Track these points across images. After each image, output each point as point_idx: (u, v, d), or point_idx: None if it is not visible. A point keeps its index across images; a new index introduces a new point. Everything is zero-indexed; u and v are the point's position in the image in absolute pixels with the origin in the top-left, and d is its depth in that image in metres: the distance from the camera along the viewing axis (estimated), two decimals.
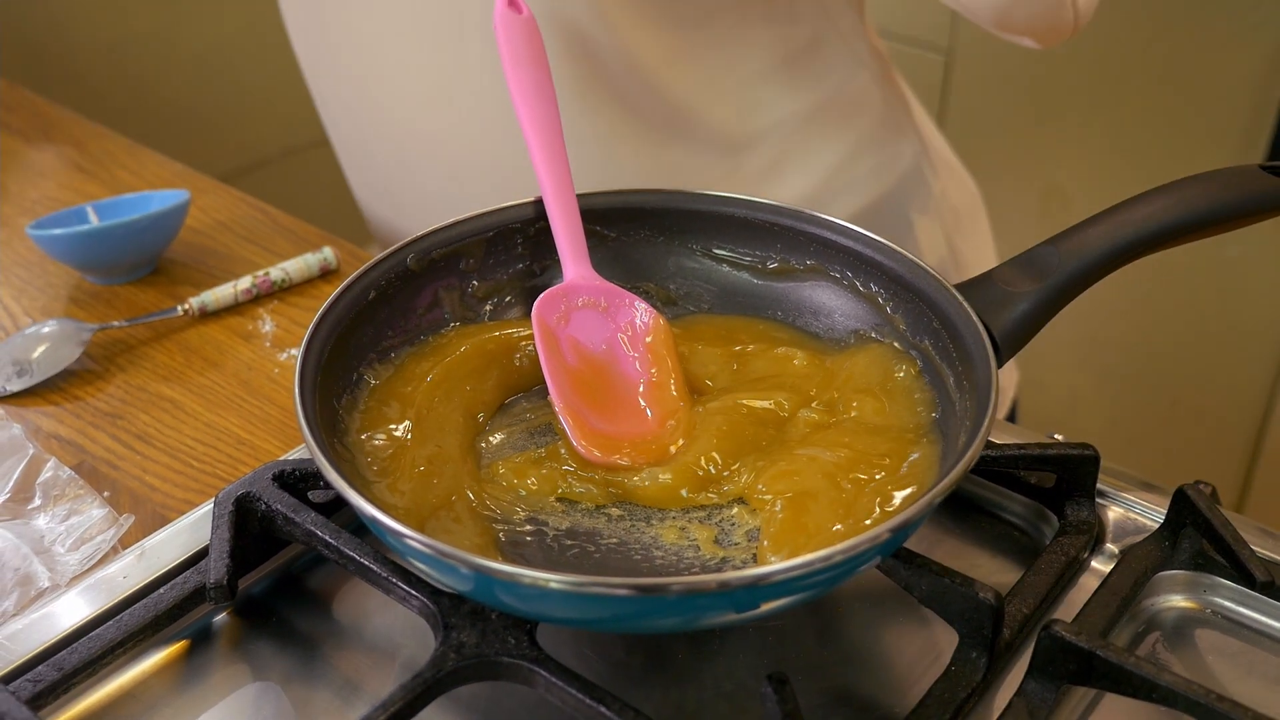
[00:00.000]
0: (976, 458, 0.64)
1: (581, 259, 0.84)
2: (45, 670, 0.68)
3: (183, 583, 0.73)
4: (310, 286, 1.12)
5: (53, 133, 1.42)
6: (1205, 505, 0.74)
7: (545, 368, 0.80)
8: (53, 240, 1.08)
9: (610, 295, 0.84)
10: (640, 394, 0.80)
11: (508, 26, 0.84)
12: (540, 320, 0.81)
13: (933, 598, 0.68)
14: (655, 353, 0.82)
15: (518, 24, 0.84)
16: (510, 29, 0.84)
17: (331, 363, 0.75)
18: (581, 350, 0.82)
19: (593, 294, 0.83)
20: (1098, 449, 0.78)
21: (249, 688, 0.71)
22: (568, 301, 0.83)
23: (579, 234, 0.84)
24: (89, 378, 1.00)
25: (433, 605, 0.67)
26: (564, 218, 0.84)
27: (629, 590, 0.58)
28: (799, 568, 0.58)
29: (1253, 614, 0.74)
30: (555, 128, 0.86)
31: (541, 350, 0.80)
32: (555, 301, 0.82)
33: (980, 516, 0.82)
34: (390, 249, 0.82)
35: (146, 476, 0.88)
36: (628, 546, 0.71)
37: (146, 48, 2.37)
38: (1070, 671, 0.65)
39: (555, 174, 0.84)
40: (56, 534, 0.81)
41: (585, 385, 0.80)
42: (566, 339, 0.82)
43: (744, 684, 0.70)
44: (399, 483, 0.72)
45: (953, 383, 0.75)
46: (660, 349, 0.82)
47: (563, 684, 0.62)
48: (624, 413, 0.80)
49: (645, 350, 0.82)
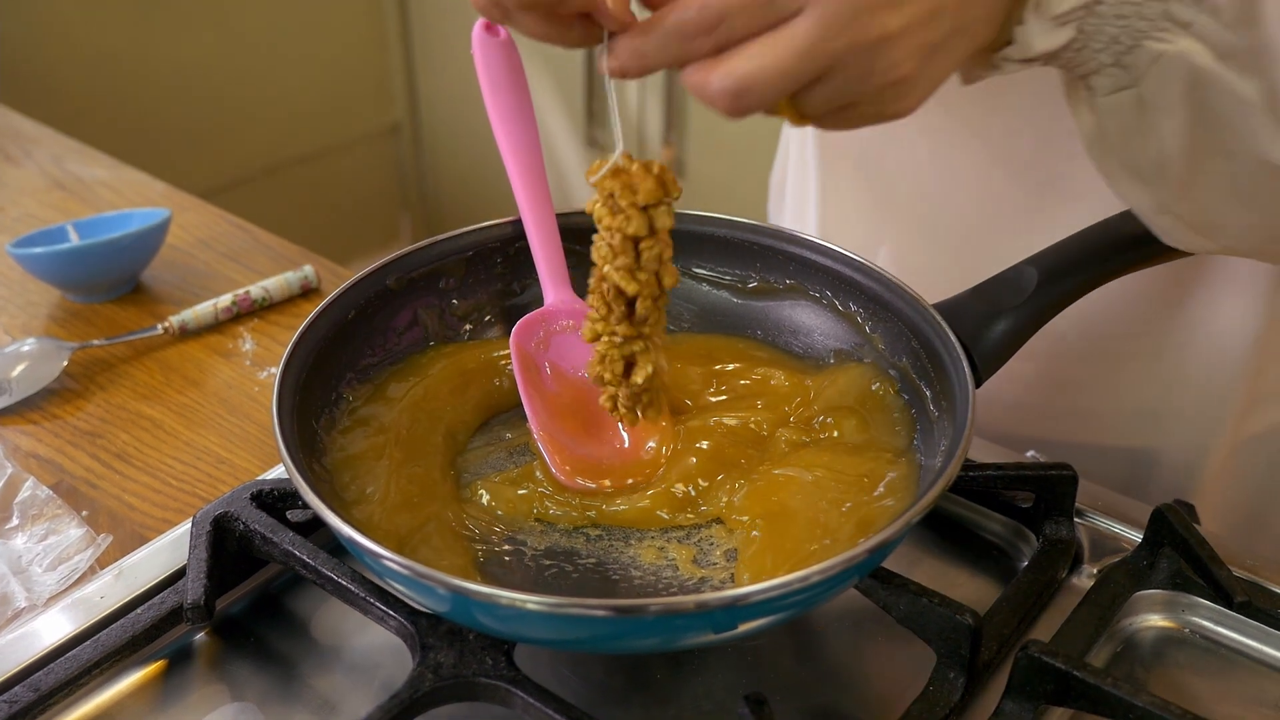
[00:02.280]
0: (954, 477, 0.64)
1: (561, 282, 0.84)
2: (22, 691, 0.68)
3: (160, 603, 0.73)
4: (291, 305, 1.12)
5: (34, 150, 1.41)
6: (1182, 525, 0.75)
7: (523, 395, 0.79)
8: (33, 259, 1.08)
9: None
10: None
11: (485, 50, 0.84)
12: (518, 348, 0.81)
13: (911, 618, 0.69)
14: None
15: (495, 47, 0.84)
16: (488, 52, 0.84)
17: (310, 382, 0.75)
18: (561, 374, 0.81)
19: (573, 317, 0.83)
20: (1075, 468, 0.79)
21: (226, 708, 0.70)
22: (546, 326, 0.83)
23: (559, 256, 0.84)
24: (68, 396, 0.99)
25: (410, 625, 0.67)
26: (543, 241, 0.84)
27: (606, 611, 0.58)
28: (776, 588, 0.58)
29: (1230, 634, 0.74)
30: (534, 149, 0.85)
31: (520, 377, 0.79)
32: (534, 327, 0.82)
33: (959, 536, 0.82)
34: (369, 268, 0.82)
35: (125, 496, 0.88)
36: (606, 566, 0.71)
37: (128, 66, 2.37)
38: (1048, 692, 0.66)
39: (534, 197, 0.84)
40: (34, 554, 0.81)
41: (565, 410, 0.80)
42: (545, 364, 0.82)
43: (723, 704, 0.69)
44: (378, 503, 0.72)
45: (931, 402, 0.75)
46: None
47: (540, 704, 0.62)
48: (605, 436, 0.79)
49: None
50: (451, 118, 2.89)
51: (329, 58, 2.72)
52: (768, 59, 0.56)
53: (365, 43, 2.79)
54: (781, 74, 0.56)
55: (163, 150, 2.41)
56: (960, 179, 0.92)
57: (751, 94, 0.56)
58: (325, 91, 2.72)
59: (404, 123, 2.92)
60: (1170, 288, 0.87)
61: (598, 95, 2.52)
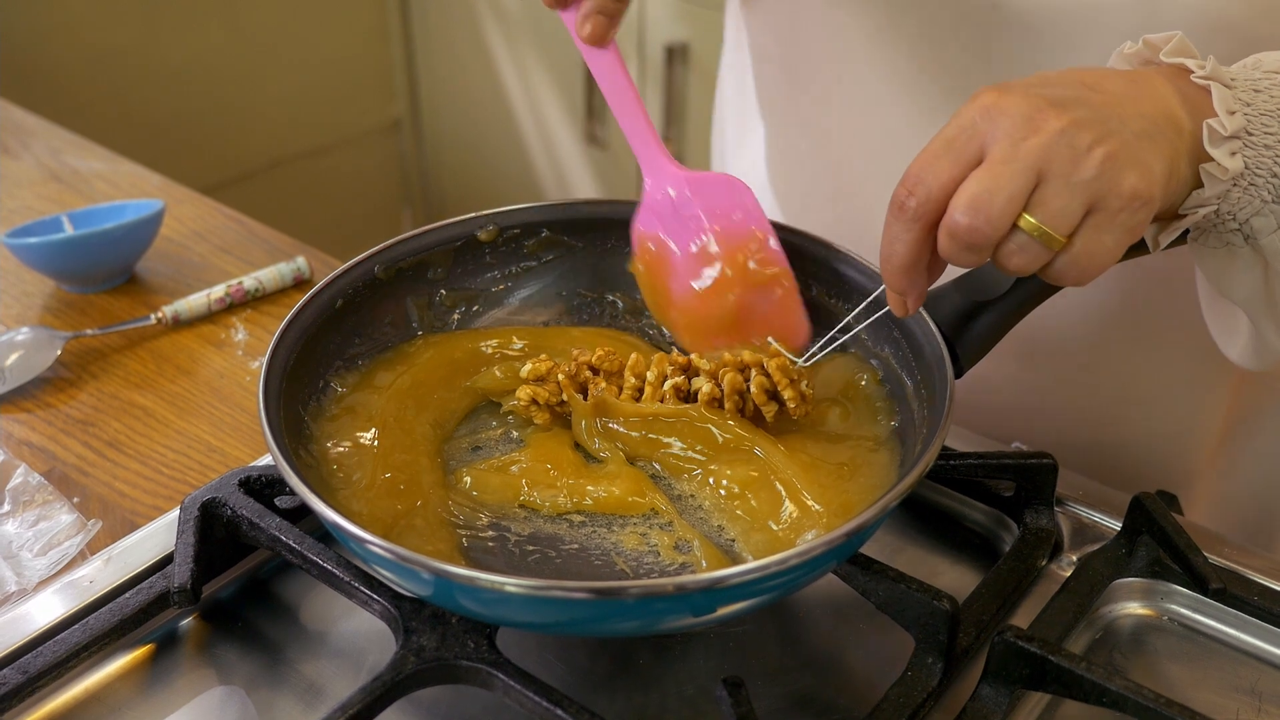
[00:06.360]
0: (931, 463, 0.65)
1: (659, 154, 0.85)
2: (10, 673, 0.68)
3: (149, 587, 0.74)
4: (283, 296, 1.13)
5: (31, 143, 1.42)
6: (1160, 513, 0.75)
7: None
8: (28, 249, 1.09)
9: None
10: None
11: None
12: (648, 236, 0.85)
13: (890, 603, 0.69)
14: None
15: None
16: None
17: (298, 370, 0.76)
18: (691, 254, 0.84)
19: (676, 186, 0.85)
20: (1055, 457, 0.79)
21: (214, 691, 0.71)
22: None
23: (649, 133, 0.85)
24: (62, 385, 1.00)
25: (394, 609, 0.67)
26: (630, 121, 0.85)
27: (586, 594, 0.59)
28: (754, 571, 0.59)
29: (1207, 620, 0.75)
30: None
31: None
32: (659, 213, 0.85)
33: (942, 524, 0.83)
34: (357, 257, 0.82)
35: (116, 483, 0.89)
36: (588, 552, 0.72)
37: (130, 61, 2.38)
38: (1024, 676, 0.66)
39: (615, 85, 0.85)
40: (25, 539, 0.82)
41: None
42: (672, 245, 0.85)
43: (705, 688, 0.70)
44: (364, 489, 0.73)
45: (911, 391, 0.76)
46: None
47: (521, 687, 0.63)
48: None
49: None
50: (453, 113, 2.89)
51: (331, 53, 2.72)
52: (983, 174, 0.61)
53: (367, 38, 2.79)
54: (997, 178, 0.60)
55: (165, 146, 2.42)
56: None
57: (985, 206, 0.60)
58: (327, 87, 2.73)
59: (405, 118, 2.92)
60: (1154, 281, 0.87)
61: (597, 93, 2.52)
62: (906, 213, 0.63)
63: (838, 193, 0.97)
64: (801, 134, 0.99)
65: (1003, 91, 0.62)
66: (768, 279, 0.82)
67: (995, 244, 0.61)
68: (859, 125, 0.92)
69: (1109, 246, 0.61)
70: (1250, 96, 0.65)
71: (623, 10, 0.82)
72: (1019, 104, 0.61)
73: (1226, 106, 0.64)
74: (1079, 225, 0.61)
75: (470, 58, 2.73)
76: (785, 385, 0.76)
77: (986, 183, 0.60)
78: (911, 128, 0.87)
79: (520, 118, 2.68)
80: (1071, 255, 0.61)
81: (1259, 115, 0.64)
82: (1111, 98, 0.62)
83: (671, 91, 2.39)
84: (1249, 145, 0.64)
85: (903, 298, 0.67)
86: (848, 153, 0.94)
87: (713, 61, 1.21)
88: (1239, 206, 0.65)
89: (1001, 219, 0.60)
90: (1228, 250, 0.68)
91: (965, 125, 0.62)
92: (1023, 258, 0.61)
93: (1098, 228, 0.61)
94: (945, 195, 0.62)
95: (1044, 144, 0.60)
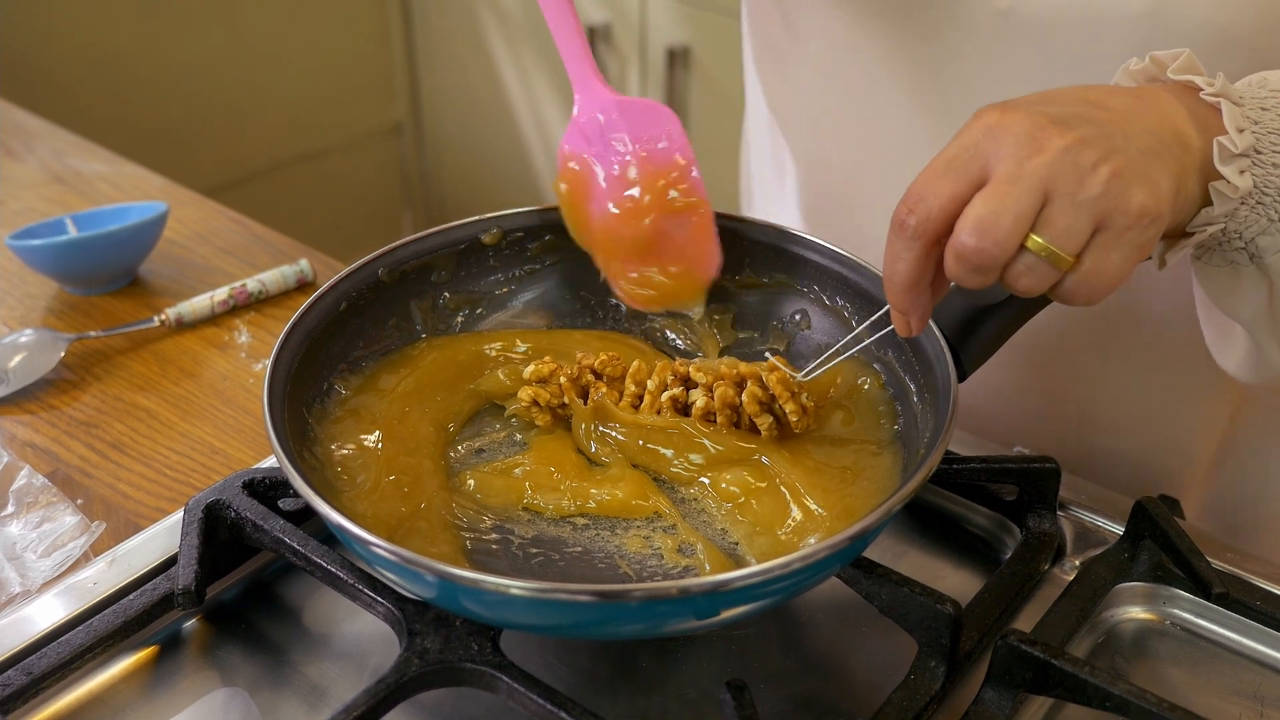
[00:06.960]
0: (934, 467, 0.65)
1: (590, 74, 0.86)
2: (14, 675, 0.68)
3: (152, 589, 0.74)
4: (287, 298, 1.13)
5: (35, 145, 1.42)
6: (1162, 517, 0.75)
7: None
8: (31, 251, 1.09)
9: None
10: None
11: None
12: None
13: (892, 607, 0.69)
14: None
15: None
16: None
17: (302, 372, 0.76)
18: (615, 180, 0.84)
19: (604, 111, 0.85)
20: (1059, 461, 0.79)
21: (217, 693, 0.71)
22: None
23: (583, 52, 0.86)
24: (65, 387, 1.00)
25: (398, 611, 0.67)
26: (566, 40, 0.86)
27: (591, 596, 0.59)
28: (758, 575, 0.59)
29: (1210, 625, 0.75)
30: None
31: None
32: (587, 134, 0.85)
33: (945, 528, 0.83)
34: (361, 260, 0.82)
35: (120, 485, 0.89)
36: (592, 555, 0.72)
37: (132, 63, 2.38)
38: (1027, 680, 0.66)
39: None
40: (29, 540, 0.82)
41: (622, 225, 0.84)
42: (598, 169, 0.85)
43: (707, 692, 0.70)
44: (368, 492, 0.73)
45: (915, 395, 0.76)
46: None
47: (525, 690, 0.63)
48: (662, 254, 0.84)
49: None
50: (454, 116, 2.89)
51: (333, 56, 2.73)
52: (989, 194, 0.60)
53: (368, 41, 2.79)
54: (1003, 199, 0.60)
55: (167, 148, 2.42)
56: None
57: (991, 228, 0.60)
58: (329, 90, 2.73)
59: (407, 121, 2.93)
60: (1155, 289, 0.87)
61: None
62: (907, 231, 0.63)
63: (863, 224, 0.97)
64: (831, 172, 0.99)
65: (1005, 110, 0.62)
66: (685, 207, 0.82)
67: (1003, 265, 0.61)
68: (873, 145, 0.92)
69: (1117, 264, 0.61)
70: (1258, 114, 0.65)
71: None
72: (1022, 122, 0.61)
73: (1236, 124, 0.64)
74: (1087, 244, 0.61)
75: (471, 60, 2.73)
76: (786, 399, 0.76)
77: (993, 204, 0.60)
78: (932, 146, 0.88)
79: (521, 120, 2.69)
80: (1080, 274, 0.61)
81: (1267, 133, 0.64)
82: (1116, 114, 0.62)
83: (673, 94, 2.39)
84: (1258, 163, 0.64)
85: (906, 317, 0.67)
86: (869, 181, 0.94)
87: (714, 64, 1.21)
88: (1246, 225, 0.66)
89: (1009, 240, 0.60)
90: (1232, 269, 0.68)
91: (968, 144, 0.62)
92: (1031, 278, 0.61)
93: (1106, 246, 0.61)
94: (946, 213, 0.62)
95: (1049, 162, 0.60)
